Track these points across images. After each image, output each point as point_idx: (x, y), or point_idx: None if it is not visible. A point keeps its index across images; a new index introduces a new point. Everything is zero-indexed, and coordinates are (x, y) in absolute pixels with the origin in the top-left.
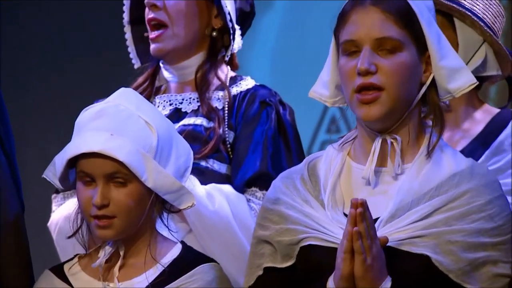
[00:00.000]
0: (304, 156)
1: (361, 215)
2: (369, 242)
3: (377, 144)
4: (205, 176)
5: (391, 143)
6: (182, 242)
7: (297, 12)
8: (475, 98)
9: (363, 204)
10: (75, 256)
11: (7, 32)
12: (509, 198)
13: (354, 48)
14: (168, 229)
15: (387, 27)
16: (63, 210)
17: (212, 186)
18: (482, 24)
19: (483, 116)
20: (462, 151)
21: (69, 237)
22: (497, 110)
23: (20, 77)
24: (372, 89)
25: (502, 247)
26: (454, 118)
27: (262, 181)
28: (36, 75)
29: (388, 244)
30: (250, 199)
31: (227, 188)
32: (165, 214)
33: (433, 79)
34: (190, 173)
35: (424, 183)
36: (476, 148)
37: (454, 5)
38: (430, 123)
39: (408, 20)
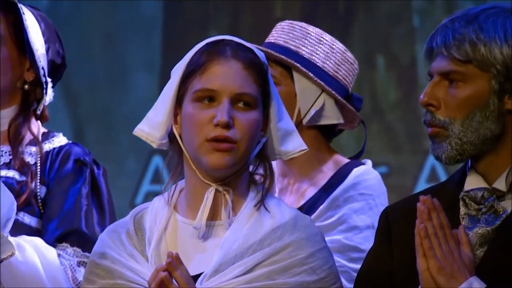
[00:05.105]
0: (115, 217)
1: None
2: None
3: (210, 194)
4: (16, 229)
5: (223, 194)
6: None
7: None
8: (324, 147)
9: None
10: None
11: None
12: (336, 255)
13: (209, 97)
14: None
15: (248, 83)
16: None
17: (21, 237)
18: (311, 74)
19: (331, 166)
20: (307, 202)
21: None
22: (346, 161)
23: None
24: (225, 142)
25: None
26: (300, 167)
27: (73, 238)
28: None
29: None
30: (60, 254)
31: (37, 240)
32: None
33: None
34: None
35: (248, 237)
36: (318, 199)
37: (285, 57)
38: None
39: (263, 79)
